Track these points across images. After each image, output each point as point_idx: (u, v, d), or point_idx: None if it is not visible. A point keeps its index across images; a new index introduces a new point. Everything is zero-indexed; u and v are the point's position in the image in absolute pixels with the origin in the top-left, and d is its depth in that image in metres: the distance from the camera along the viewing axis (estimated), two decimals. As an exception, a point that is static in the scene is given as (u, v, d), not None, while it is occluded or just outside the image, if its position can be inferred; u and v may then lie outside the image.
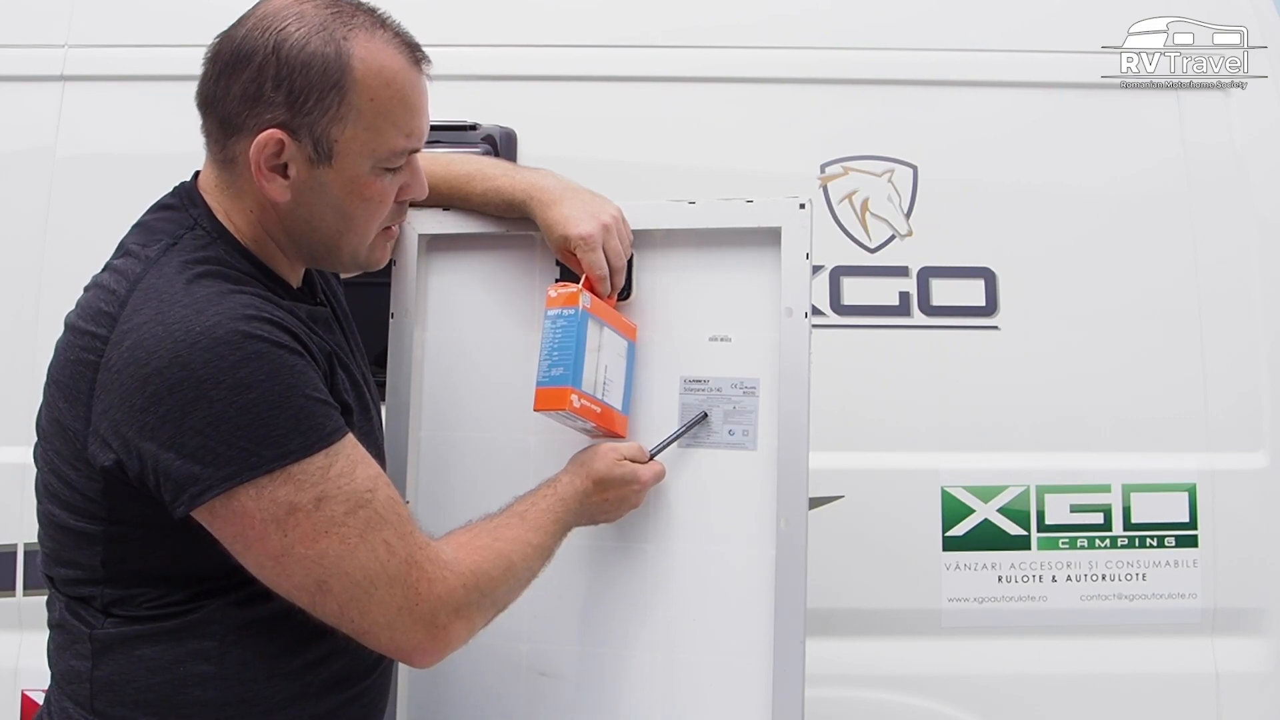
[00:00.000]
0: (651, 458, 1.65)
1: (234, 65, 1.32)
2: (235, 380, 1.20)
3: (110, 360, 1.24)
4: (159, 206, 1.42)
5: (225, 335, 1.21)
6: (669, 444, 1.67)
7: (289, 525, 1.23)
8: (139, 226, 1.41)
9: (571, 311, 1.59)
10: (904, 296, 2.18)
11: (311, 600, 1.28)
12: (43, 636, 1.42)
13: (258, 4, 1.36)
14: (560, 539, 1.55)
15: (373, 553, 1.27)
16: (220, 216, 1.39)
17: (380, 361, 1.80)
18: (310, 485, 1.24)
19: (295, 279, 1.49)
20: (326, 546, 1.25)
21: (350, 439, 1.30)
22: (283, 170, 1.34)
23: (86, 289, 1.35)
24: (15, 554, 2.08)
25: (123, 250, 1.37)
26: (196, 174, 1.44)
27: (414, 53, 1.38)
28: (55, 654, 1.38)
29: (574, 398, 1.57)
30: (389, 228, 1.48)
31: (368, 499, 1.28)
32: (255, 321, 1.25)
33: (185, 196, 1.41)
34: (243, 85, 1.31)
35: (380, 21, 1.37)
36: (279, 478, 1.23)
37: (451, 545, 1.38)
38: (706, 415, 1.68)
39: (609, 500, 1.60)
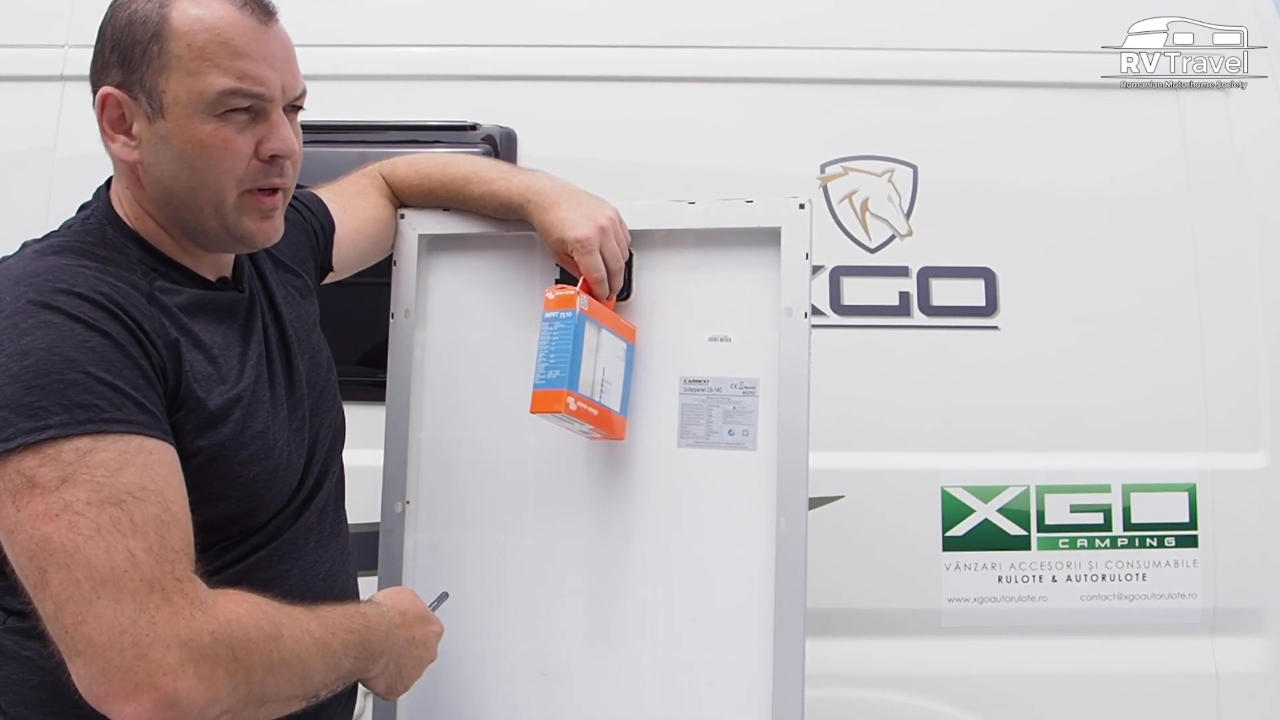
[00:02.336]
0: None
1: (94, 44, 1.36)
2: (16, 348, 1.15)
3: None
4: (81, 205, 1.43)
5: (24, 306, 1.17)
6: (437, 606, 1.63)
7: (23, 500, 1.11)
8: None
9: (569, 314, 1.60)
10: (904, 296, 2.18)
11: (34, 594, 1.13)
12: None
13: None
14: (355, 660, 1.34)
15: (108, 555, 1.10)
16: (115, 204, 1.38)
17: (379, 362, 1.80)
18: (60, 464, 1.12)
19: (212, 268, 1.43)
20: (52, 531, 1.10)
21: (145, 442, 1.18)
22: (129, 131, 1.34)
23: None
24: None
25: None
26: None
27: (251, 5, 1.34)
28: None
29: (570, 400, 1.57)
30: (258, 194, 1.38)
31: (124, 501, 1.13)
32: (63, 295, 1.20)
33: (96, 192, 1.42)
34: (95, 59, 1.35)
35: None
36: (29, 452, 1.12)
37: (216, 593, 1.19)
38: (447, 594, 1.66)
39: (416, 640, 1.49)
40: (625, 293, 1.72)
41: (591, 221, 1.63)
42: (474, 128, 2.17)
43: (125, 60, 1.31)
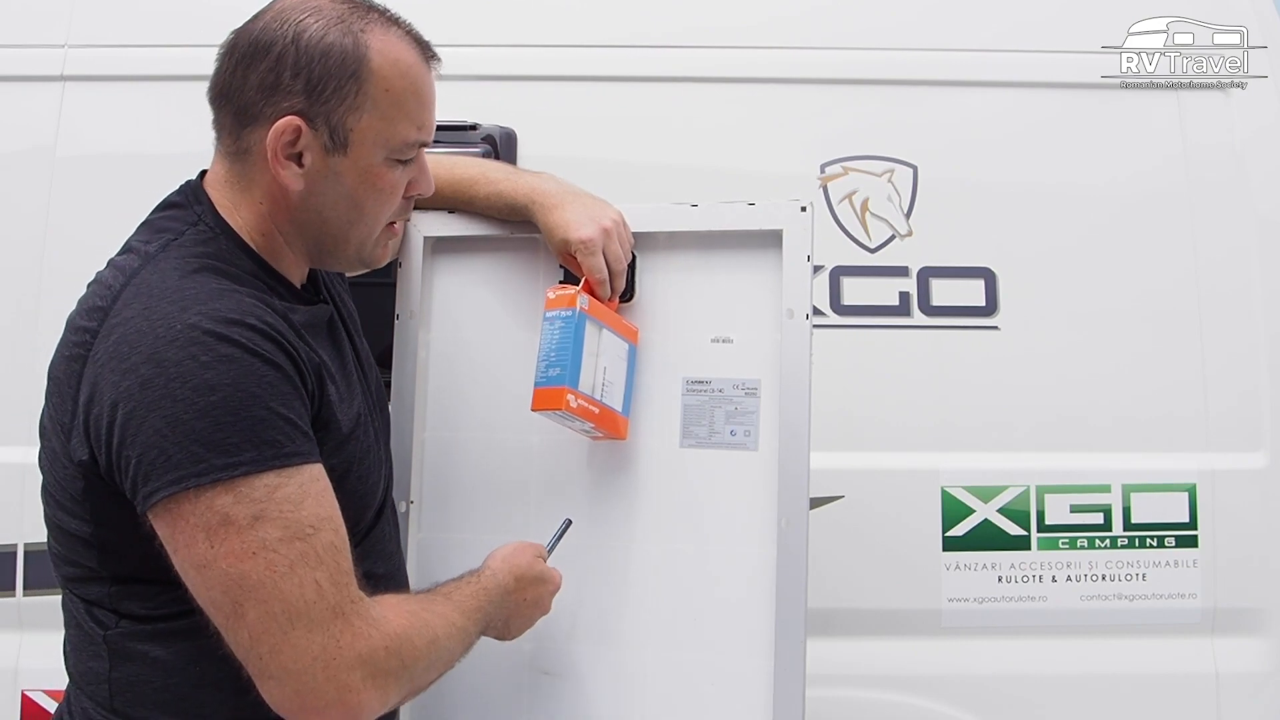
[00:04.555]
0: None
1: (252, 56, 1.33)
2: (201, 381, 1.19)
3: (97, 353, 1.24)
4: (165, 205, 1.43)
5: (201, 336, 1.20)
6: (552, 549, 1.65)
7: (218, 537, 1.19)
8: (145, 225, 1.41)
9: (569, 313, 1.60)
10: (904, 296, 2.18)
11: (225, 622, 1.22)
12: (43, 636, 1.42)
13: (272, 1, 1.38)
14: (478, 632, 1.48)
15: (300, 589, 1.20)
16: (224, 213, 1.39)
17: (385, 362, 1.81)
18: (251, 501, 1.19)
19: (299, 277, 1.48)
20: (250, 569, 1.19)
21: (313, 470, 1.26)
22: (298, 159, 1.35)
23: (88, 286, 1.35)
24: (15, 554, 2.08)
25: (126, 248, 1.38)
26: (203, 173, 1.44)
27: (425, 50, 1.41)
28: (72, 654, 1.38)
29: (571, 398, 1.58)
30: (393, 224, 1.48)
31: (309, 534, 1.22)
32: (236, 326, 1.23)
33: (190, 194, 1.41)
34: (260, 75, 1.33)
35: (393, 19, 1.40)
36: (220, 488, 1.19)
37: (380, 604, 1.30)
38: (571, 521, 1.68)
39: (526, 600, 1.57)
40: (628, 294, 1.72)
41: (595, 223, 1.64)
42: (474, 128, 2.16)
43: (313, 90, 1.32)
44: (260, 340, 1.24)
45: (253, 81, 1.33)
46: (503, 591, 1.52)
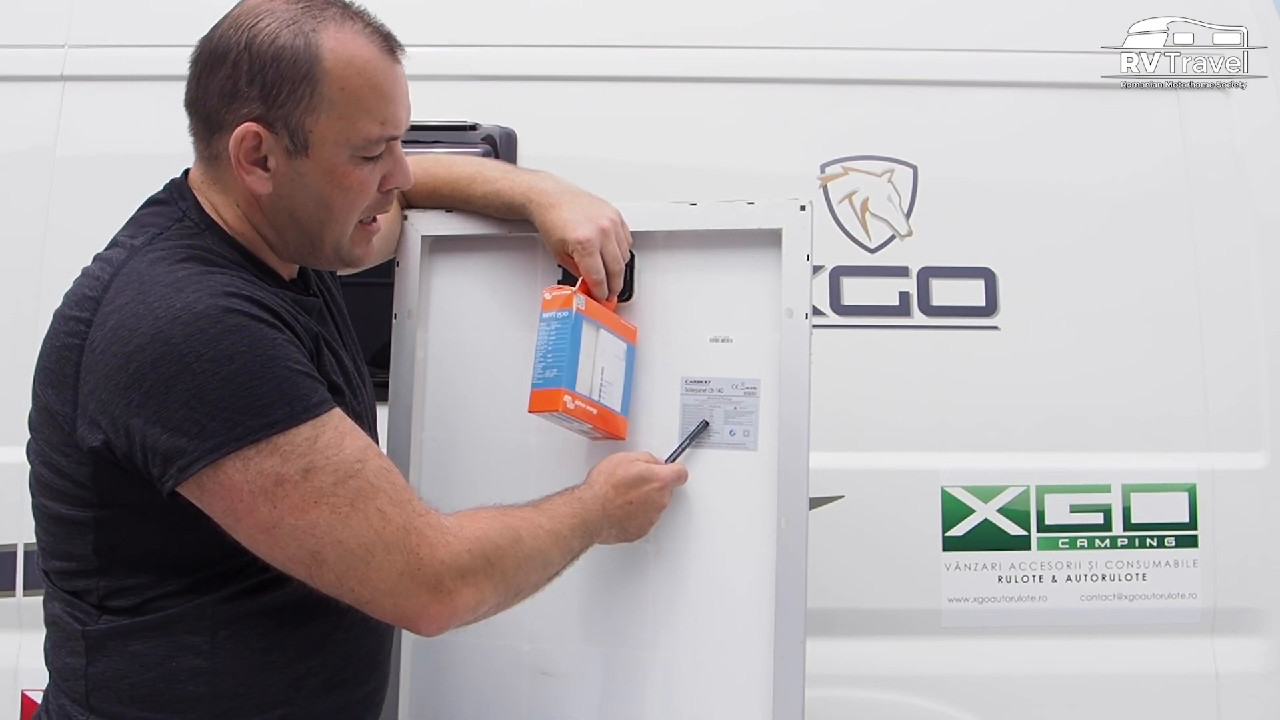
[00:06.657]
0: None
1: (211, 64, 1.35)
2: (216, 353, 1.21)
3: (94, 341, 1.25)
4: (150, 201, 1.44)
5: (204, 310, 1.23)
6: (680, 452, 1.67)
7: (277, 496, 1.23)
8: (131, 221, 1.43)
9: (565, 314, 1.60)
10: (904, 296, 2.18)
11: (308, 572, 1.27)
12: (43, 636, 1.42)
13: (234, 6, 1.39)
14: (582, 539, 1.53)
15: (366, 521, 1.26)
16: (208, 210, 1.40)
17: (382, 362, 1.80)
18: (297, 456, 1.24)
19: (287, 273, 1.50)
20: (317, 517, 1.24)
21: (338, 412, 1.30)
22: (263, 163, 1.36)
23: (75, 280, 1.37)
24: (15, 554, 2.08)
25: (113, 242, 1.39)
26: (188, 170, 1.46)
27: (386, 42, 1.39)
28: (51, 651, 1.39)
29: (567, 399, 1.58)
30: (370, 222, 1.48)
31: (357, 469, 1.27)
32: (234, 298, 1.26)
33: (175, 191, 1.43)
34: (220, 83, 1.34)
35: (351, 13, 1.38)
36: (265, 449, 1.23)
37: (456, 515, 1.38)
38: (707, 424, 1.69)
39: (633, 504, 1.60)
40: (627, 294, 1.71)
41: (593, 223, 1.63)
42: (474, 128, 2.17)
43: (269, 95, 1.32)
44: (257, 309, 1.27)
45: (214, 90, 1.34)
46: (601, 501, 1.57)
